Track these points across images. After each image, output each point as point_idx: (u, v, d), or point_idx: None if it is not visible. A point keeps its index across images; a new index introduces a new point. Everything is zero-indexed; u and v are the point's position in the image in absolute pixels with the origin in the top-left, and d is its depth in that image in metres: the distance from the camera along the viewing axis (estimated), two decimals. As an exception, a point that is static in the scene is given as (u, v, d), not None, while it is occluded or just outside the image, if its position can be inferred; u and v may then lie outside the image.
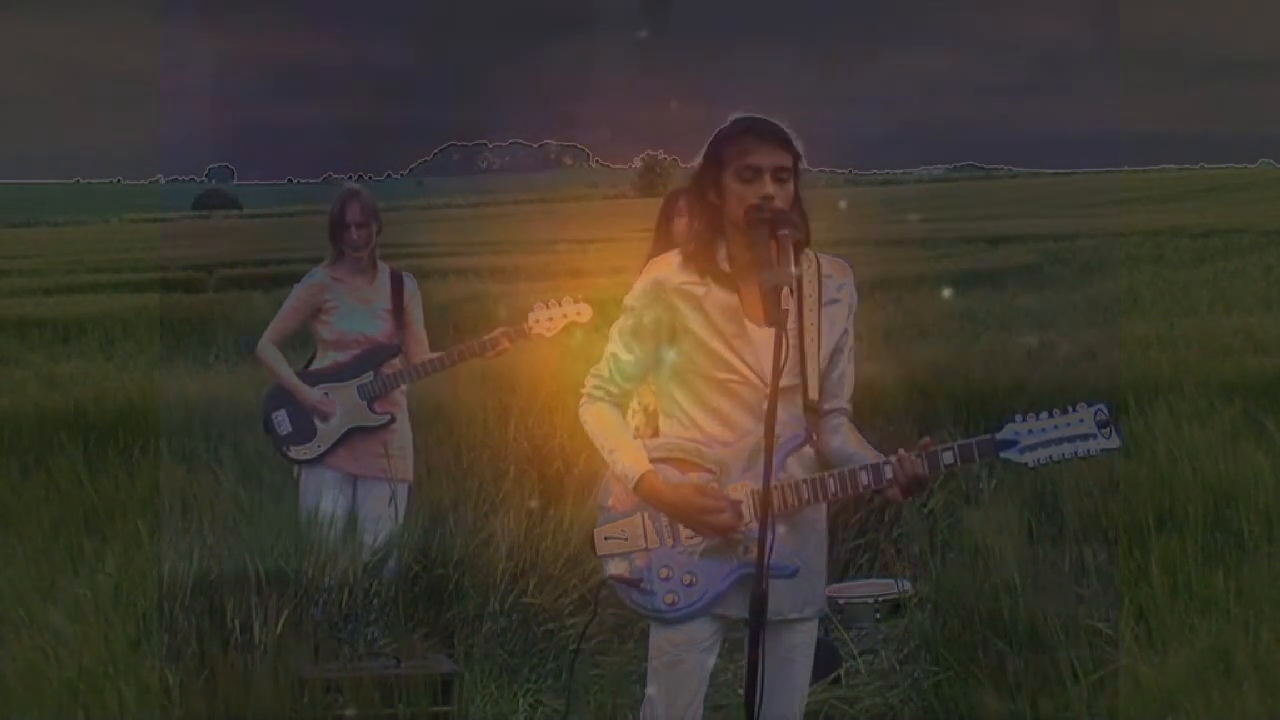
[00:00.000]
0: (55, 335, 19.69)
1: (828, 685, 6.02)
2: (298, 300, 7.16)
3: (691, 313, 4.13)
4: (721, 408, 4.14)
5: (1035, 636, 5.79)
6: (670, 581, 4.13)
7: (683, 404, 4.18)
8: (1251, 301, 18.71)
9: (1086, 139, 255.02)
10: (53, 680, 5.31)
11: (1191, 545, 6.63)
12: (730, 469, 4.12)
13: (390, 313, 7.13)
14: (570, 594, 6.65)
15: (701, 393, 4.16)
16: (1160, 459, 8.00)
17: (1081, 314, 17.58)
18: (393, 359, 7.10)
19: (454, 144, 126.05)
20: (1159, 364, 11.69)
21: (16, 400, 11.99)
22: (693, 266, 4.14)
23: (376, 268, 7.18)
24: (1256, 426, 8.80)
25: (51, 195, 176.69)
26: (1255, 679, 5.13)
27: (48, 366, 15.18)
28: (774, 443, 3.92)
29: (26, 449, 10.05)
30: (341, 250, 7.11)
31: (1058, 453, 4.00)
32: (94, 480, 8.58)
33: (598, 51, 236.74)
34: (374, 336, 7.10)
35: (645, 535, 4.16)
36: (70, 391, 12.40)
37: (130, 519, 7.32)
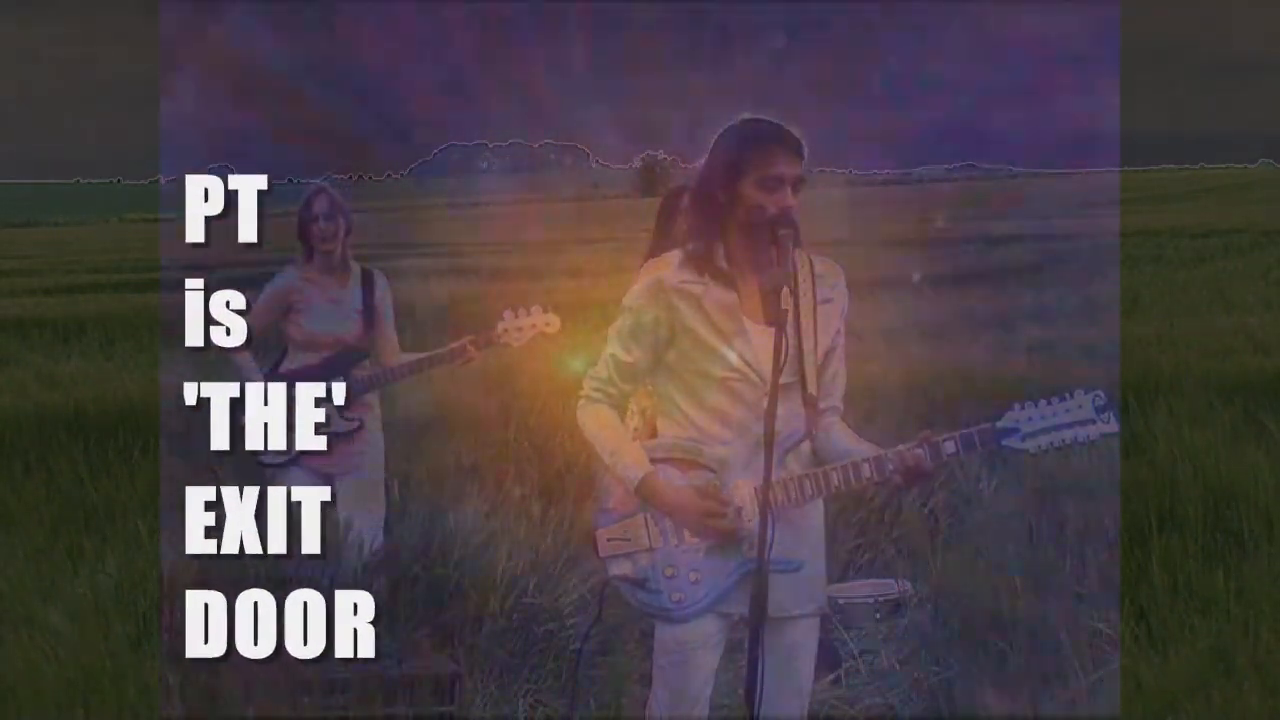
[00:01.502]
0: (55, 335, 19.66)
1: (828, 685, 6.02)
2: (268, 299, 7.07)
3: (691, 311, 4.14)
4: (720, 405, 4.14)
5: (1035, 636, 5.79)
6: (676, 580, 4.14)
7: (681, 404, 4.19)
8: (1251, 301, 18.70)
9: (1086, 139, 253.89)
10: (53, 680, 5.32)
11: (1192, 545, 6.64)
12: (731, 467, 4.12)
13: (361, 313, 7.09)
14: (570, 594, 6.65)
15: (700, 391, 4.16)
16: (1160, 459, 8.01)
17: (1081, 314, 17.57)
18: (363, 361, 7.06)
19: (454, 144, 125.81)
20: (1159, 364, 11.69)
21: (16, 400, 11.99)
22: (692, 265, 4.15)
23: (349, 268, 7.15)
24: (1256, 426, 8.81)
25: (51, 195, 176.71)
26: (1255, 679, 5.14)
27: (48, 366, 15.16)
28: (774, 439, 3.93)
29: (27, 449, 10.05)
30: (311, 247, 7.08)
31: (1058, 438, 4.01)
32: (94, 480, 8.59)
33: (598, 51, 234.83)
34: (344, 338, 7.06)
35: (649, 535, 4.17)
36: (70, 391, 12.39)
37: (130, 519, 7.32)
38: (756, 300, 4.10)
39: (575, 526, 6.81)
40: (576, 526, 6.79)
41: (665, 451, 4.17)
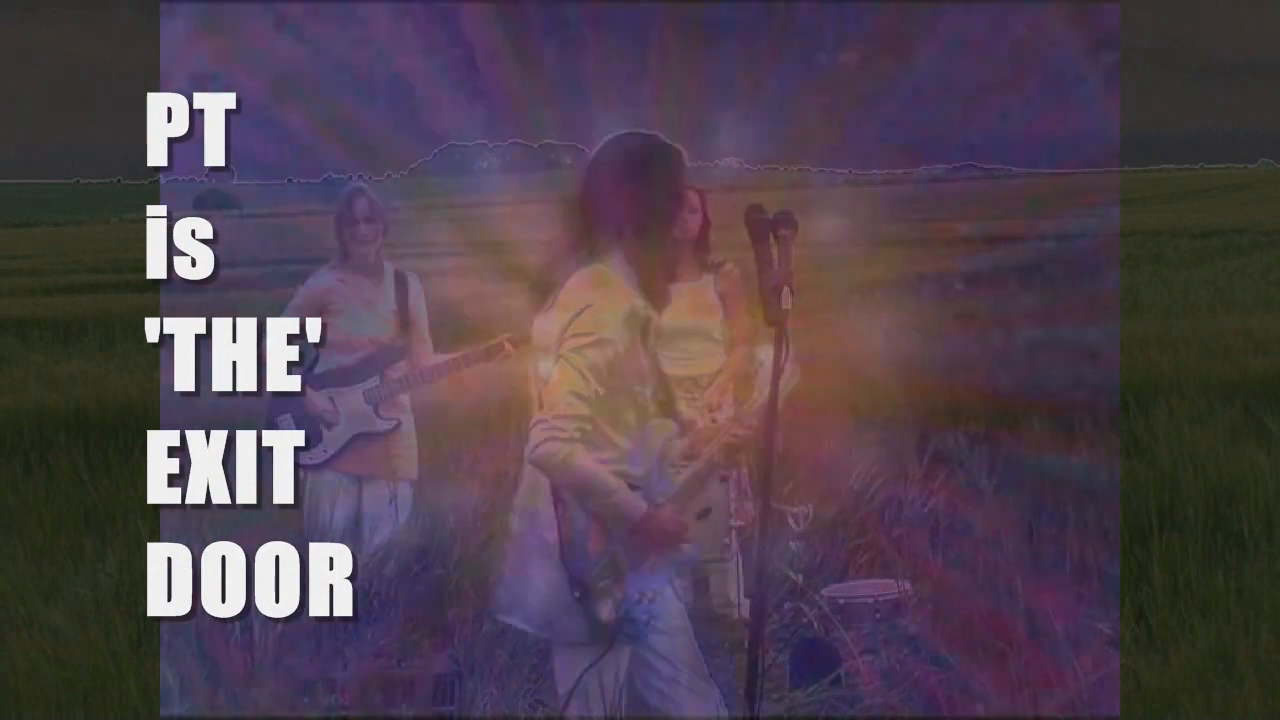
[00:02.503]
0: (55, 335, 19.67)
1: (827, 685, 6.01)
2: (303, 302, 7.05)
3: (643, 335, 4.15)
4: (631, 422, 4.16)
5: (1035, 636, 5.79)
6: (643, 604, 4.17)
7: (605, 427, 4.14)
8: (1251, 301, 18.71)
9: (1086, 139, 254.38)
10: (53, 680, 5.32)
11: (1192, 545, 6.64)
12: (651, 483, 4.14)
13: (395, 314, 7.07)
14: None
15: (621, 412, 4.16)
16: (1160, 459, 8.01)
17: (1081, 314, 17.56)
18: (398, 362, 7.05)
19: (454, 144, 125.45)
20: (1159, 364, 11.69)
21: (16, 400, 12.00)
22: (639, 287, 4.15)
23: (382, 269, 7.11)
24: (1256, 426, 8.81)
25: (51, 195, 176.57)
26: (1255, 679, 5.13)
27: (48, 366, 15.17)
28: (773, 450, 3.95)
29: (27, 449, 10.05)
30: (348, 249, 7.02)
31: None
32: (94, 480, 8.59)
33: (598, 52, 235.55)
34: (380, 339, 7.05)
35: (619, 568, 4.16)
36: (70, 391, 12.40)
37: (130, 519, 7.32)
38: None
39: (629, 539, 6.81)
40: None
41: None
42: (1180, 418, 9.02)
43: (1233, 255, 28.96)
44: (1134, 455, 8.15)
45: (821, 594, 6.28)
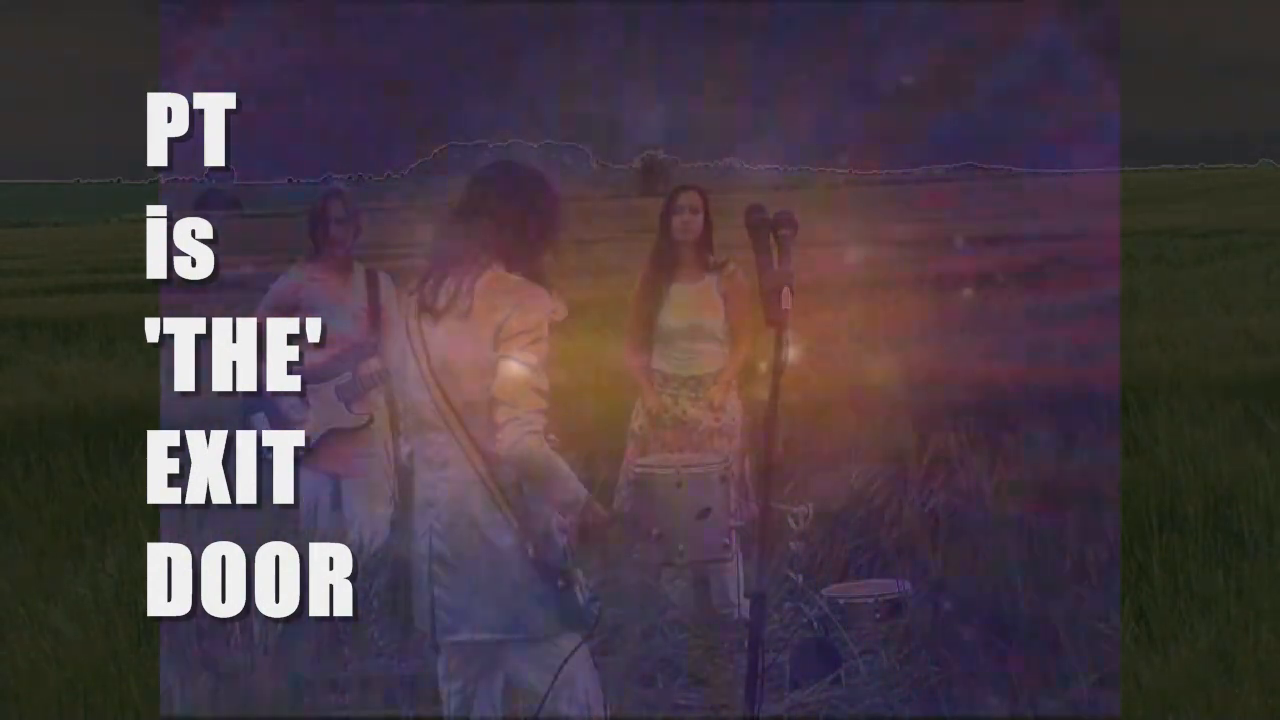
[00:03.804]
0: (55, 335, 19.66)
1: (828, 685, 6.02)
2: (274, 299, 7.14)
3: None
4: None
5: (1035, 636, 5.79)
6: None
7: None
8: (1251, 301, 18.69)
9: (1086, 139, 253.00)
10: (53, 680, 5.32)
11: (1192, 545, 6.64)
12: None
13: (366, 312, 7.13)
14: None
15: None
16: (1161, 459, 8.01)
17: (1081, 314, 17.56)
18: (369, 359, 7.09)
19: (454, 144, 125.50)
20: (1159, 364, 11.69)
21: (17, 400, 11.99)
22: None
23: (352, 268, 7.21)
24: (1256, 426, 8.81)
25: (51, 195, 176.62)
26: (1255, 679, 5.14)
27: (48, 366, 15.17)
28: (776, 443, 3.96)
29: (27, 449, 10.05)
30: (320, 248, 7.14)
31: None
32: (94, 480, 8.59)
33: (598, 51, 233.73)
34: (350, 337, 7.09)
35: (576, 553, 4.31)
36: (70, 391, 12.40)
37: (130, 519, 7.32)
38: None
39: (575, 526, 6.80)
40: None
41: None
42: (1180, 418, 9.02)
43: (1233, 255, 28.94)
44: (1134, 455, 8.15)
45: (821, 594, 6.27)
